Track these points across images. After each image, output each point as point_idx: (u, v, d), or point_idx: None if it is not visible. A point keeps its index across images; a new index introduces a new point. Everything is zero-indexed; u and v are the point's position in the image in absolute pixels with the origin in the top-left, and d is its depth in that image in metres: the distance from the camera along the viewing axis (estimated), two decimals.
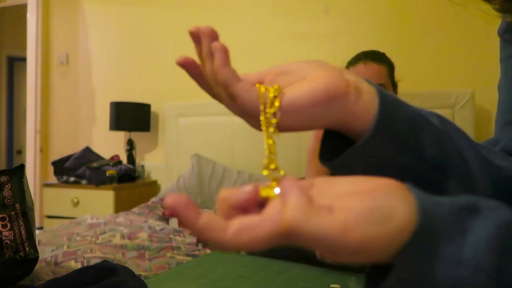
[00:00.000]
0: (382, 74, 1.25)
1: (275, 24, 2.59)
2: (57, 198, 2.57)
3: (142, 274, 1.09)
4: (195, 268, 1.14)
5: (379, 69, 1.25)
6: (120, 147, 3.00)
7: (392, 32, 2.33)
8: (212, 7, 2.74)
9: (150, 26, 2.92)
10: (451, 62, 2.23)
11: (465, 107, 2.06)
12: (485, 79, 2.17)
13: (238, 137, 2.49)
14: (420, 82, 2.25)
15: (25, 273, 0.97)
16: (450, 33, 2.23)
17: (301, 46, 2.52)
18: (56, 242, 1.40)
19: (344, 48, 2.42)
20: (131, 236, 1.52)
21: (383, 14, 2.35)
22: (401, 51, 2.30)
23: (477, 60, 2.18)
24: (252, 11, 2.64)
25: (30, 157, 3.18)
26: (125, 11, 3.00)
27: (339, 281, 1.04)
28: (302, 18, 2.52)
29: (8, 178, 1.01)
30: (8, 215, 0.96)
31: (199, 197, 2.25)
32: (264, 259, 1.24)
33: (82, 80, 3.14)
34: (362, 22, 2.40)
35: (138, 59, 2.95)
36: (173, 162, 2.67)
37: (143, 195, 2.70)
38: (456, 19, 2.23)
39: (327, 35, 2.47)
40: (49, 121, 3.25)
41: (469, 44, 2.20)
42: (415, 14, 2.30)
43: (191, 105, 2.62)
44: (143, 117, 2.80)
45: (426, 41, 2.27)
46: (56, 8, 3.24)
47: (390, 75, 1.29)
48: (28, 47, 3.20)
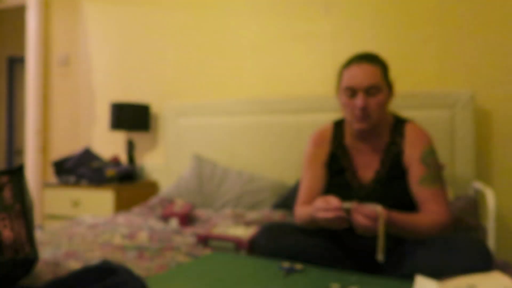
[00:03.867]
0: (376, 75, 1.26)
1: (275, 24, 2.58)
2: (57, 198, 2.57)
3: (142, 274, 1.09)
4: (195, 268, 1.14)
5: (372, 69, 1.26)
6: (120, 147, 3.00)
7: (392, 32, 2.33)
8: (213, 7, 2.74)
9: (150, 26, 2.92)
10: (451, 62, 2.23)
11: (465, 107, 2.06)
12: (485, 79, 2.17)
13: (238, 138, 2.49)
14: (420, 82, 2.25)
15: (25, 273, 0.97)
16: (450, 33, 2.23)
17: (301, 46, 2.52)
18: (56, 242, 1.40)
19: (344, 48, 2.42)
20: (131, 236, 1.52)
21: (383, 14, 2.35)
22: (401, 51, 2.30)
23: (477, 60, 2.18)
24: (252, 11, 2.64)
25: (30, 157, 3.18)
26: (125, 11, 3.00)
27: (339, 281, 1.04)
28: (302, 18, 2.52)
29: (8, 178, 1.01)
30: (8, 215, 0.96)
31: (199, 197, 2.25)
32: (264, 260, 1.24)
33: (82, 80, 3.15)
34: (362, 22, 2.40)
35: (138, 59, 2.95)
36: (173, 162, 2.67)
37: (143, 195, 2.70)
38: (456, 19, 2.23)
39: (327, 35, 2.47)
40: (49, 121, 3.25)
41: (469, 44, 2.20)
42: (415, 14, 2.30)
43: (191, 105, 2.62)
44: (143, 117, 2.80)
45: (426, 41, 2.27)
46: (56, 8, 3.24)
47: (384, 75, 1.29)
48: (28, 48, 3.20)
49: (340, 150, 1.39)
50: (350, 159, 1.36)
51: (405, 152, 1.30)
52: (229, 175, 2.32)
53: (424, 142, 1.29)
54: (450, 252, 1.06)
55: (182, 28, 2.82)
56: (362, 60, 1.27)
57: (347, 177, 1.34)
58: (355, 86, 1.25)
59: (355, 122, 1.28)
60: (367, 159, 1.35)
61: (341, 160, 1.37)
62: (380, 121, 1.30)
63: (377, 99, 1.25)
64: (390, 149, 1.32)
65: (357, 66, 1.27)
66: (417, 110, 2.11)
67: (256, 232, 1.38)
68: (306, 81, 2.51)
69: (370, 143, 1.35)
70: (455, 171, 2.06)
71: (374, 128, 1.31)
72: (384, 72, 1.29)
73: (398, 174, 1.29)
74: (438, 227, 1.18)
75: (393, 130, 1.35)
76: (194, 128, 2.61)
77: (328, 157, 1.39)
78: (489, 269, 1.02)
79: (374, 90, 1.25)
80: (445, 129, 2.07)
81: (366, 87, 1.24)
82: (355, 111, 1.26)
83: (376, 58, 1.30)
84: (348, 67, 1.29)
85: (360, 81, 1.24)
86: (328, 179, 1.38)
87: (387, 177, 1.30)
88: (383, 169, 1.31)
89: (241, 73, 2.66)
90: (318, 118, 2.25)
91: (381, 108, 1.27)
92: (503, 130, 2.15)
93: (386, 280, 1.07)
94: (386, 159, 1.32)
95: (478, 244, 1.06)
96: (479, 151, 2.16)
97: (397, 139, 1.33)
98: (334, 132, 1.42)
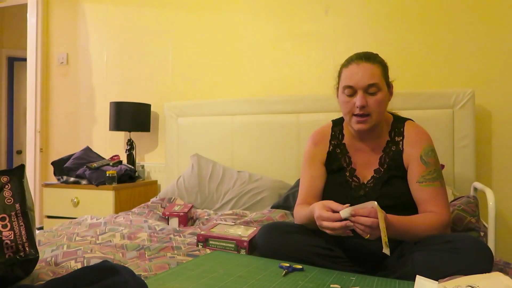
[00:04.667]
0: (375, 73, 1.25)
1: (275, 24, 2.58)
2: (57, 198, 2.57)
3: (142, 274, 1.09)
4: (195, 268, 1.14)
5: (371, 68, 1.25)
6: (120, 147, 3.00)
7: (392, 32, 2.33)
8: (212, 8, 2.74)
9: (150, 26, 2.92)
10: (451, 62, 2.23)
11: (465, 107, 2.06)
12: (485, 79, 2.17)
13: (238, 137, 2.49)
14: (420, 82, 2.26)
15: (25, 273, 0.97)
16: (450, 33, 2.23)
17: (301, 46, 2.52)
18: (56, 242, 1.40)
19: (344, 48, 2.42)
20: (131, 236, 1.52)
21: (383, 15, 2.35)
22: (401, 51, 2.30)
23: (477, 60, 2.18)
24: (252, 12, 2.64)
25: (30, 157, 3.18)
26: (125, 11, 3.00)
27: (339, 281, 1.04)
28: (302, 18, 2.52)
29: (8, 178, 1.01)
30: (8, 215, 0.96)
31: (199, 197, 2.25)
32: (264, 259, 1.24)
33: (82, 80, 3.14)
34: (362, 22, 2.40)
35: (138, 59, 2.95)
36: (173, 162, 2.67)
37: (143, 195, 2.70)
38: (456, 19, 2.23)
39: (327, 35, 2.47)
40: (49, 121, 3.25)
41: (469, 45, 2.20)
42: (415, 14, 2.30)
43: (191, 105, 2.62)
44: (143, 117, 2.80)
45: (426, 41, 2.27)
46: (56, 8, 3.24)
47: (383, 75, 1.28)
48: (28, 47, 3.20)
49: (339, 149, 1.39)
50: (349, 158, 1.36)
51: (404, 151, 1.30)
52: (229, 175, 2.32)
53: (423, 140, 1.29)
54: (450, 252, 1.05)
55: (182, 28, 2.82)
56: (362, 59, 1.26)
57: (346, 176, 1.34)
58: (354, 85, 1.25)
59: (355, 122, 1.28)
60: (366, 158, 1.34)
61: (340, 159, 1.37)
62: (380, 120, 1.30)
63: (376, 98, 1.24)
64: (389, 148, 1.32)
65: (356, 65, 1.26)
66: (417, 110, 2.11)
67: (256, 232, 1.38)
68: (306, 81, 2.51)
69: (370, 142, 1.35)
70: (455, 171, 2.06)
71: (374, 128, 1.30)
72: (383, 71, 1.28)
73: (397, 173, 1.29)
74: (437, 228, 1.17)
75: (393, 129, 1.35)
76: (194, 128, 2.61)
77: (327, 156, 1.39)
78: (490, 269, 1.02)
79: (374, 89, 1.24)
80: (445, 129, 2.07)
81: (365, 86, 1.24)
82: (354, 110, 1.26)
83: (375, 57, 1.29)
84: (347, 66, 1.29)
85: (359, 80, 1.24)
86: (328, 178, 1.38)
87: (386, 176, 1.29)
88: (382, 168, 1.31)
89: (241, 73, 2.66)
90: (318, 118, 2.25)
91: (381, 107, 1.26)
92: (503, 130, 2.15)
93: (386, 280, 1.07)
94: (385, 158, 1.32)
95: (479, 244, 1.06)
96: (479, 151, 2.16)
97: (397, 138, 1.32)
98: (333, 131, 1.42)
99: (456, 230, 1.44)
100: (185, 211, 1.89)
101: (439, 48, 2.25)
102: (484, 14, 2.17)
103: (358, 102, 1.24)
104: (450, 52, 2.23)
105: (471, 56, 2.19)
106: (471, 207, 1.50)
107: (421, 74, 2.26)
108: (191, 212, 1.98)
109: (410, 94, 2.14)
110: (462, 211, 1.48)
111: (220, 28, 2.71)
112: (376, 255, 1.25)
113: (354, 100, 1.26)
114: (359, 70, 1.25)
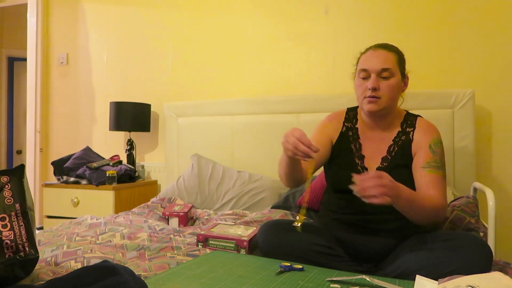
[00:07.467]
0: (389, 59, 1.30)
1: (275, 24, 2.58)
2: (57, 198, 2.57)
3: (142, 274, 1.09)
4: (195, 268, 1.14)
5: (386, 54, 1.31)
6: (120, 147, 3.00)
7: (392, 32, 2.33)
8: (212, 8, 2.74)
9: (150, 26, 2.92)
10: (451, 62, 2.23)
11: (465, 107, 2.06)
12: (485, 79, 2.17)
13: (238, 137, 2.49)
14: (420, 82, 2.25)
15: (25, 273, 0.97)
16: (450, 34, 2.23)
17: (301, 46, 2.52)
18: (56, 242, 1.40)
19: (344, 48, 2.42)
20: (131, 236, 1.52)
21: (383, 15, 2.35)
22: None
23: (477, 60, 2.18)
24: (252, 12, 2.64)
25: (30, 157, 3.18)
26: (125, 11, 3.00)
27: (339, 281, 1.04)
28: (302, 18, 2.52)
29: (8, 178, 1.01)
30: (8, 215, 0.96)
31: (199, 197, 2.25)
32: (264, 259, 1.24)
33: (82, 80, 3.14)
34: (362, 22, 2.40)
35: (138, 59, 2.95)
36: (173, 162, 2.67)
37: (143, 195, 2.70)
38: (456, 19, 2.23)
39: (327, 35, 2.47)
40: (49, 121, 3.25)
41: (469, 45, 2.20)
42: (414, 14, 2.30)
43: (191, 105, 2.62)
44: (143, 117, 2.80)
45: (426, 41, 2.27)
46: (56, 8, 3.24)
47: (398, 63, 1.33)
48: (28, 47, 3.20)
49: (351, 132, 1.42)
50: (360, 145, 1.39)
51: (414, 139, 1.34)
52: (229, 175, 2.32)
53: (434, 132, 1.35)
54: (451, 252, 1.05)
55: (182, 28, 2.82)
56: (379, 47, 1.34)
57: (354, 160, 1.37)
58: (368, 68, 1.31)
59: (366, 103, 1.32)
60: (375, 147, 1.37)
61: (351, 143, 1.40)
62: (391, 106, 1.33)
63: (389, 82, 1.29)
64: (399, 138, 1.36)
65: (373, 51, 1.34)
66: (418, 110, 2.11)
67: (256, 232, 1.38)
68: (306, 81, 2.51)
69: (380, 132, 1.38)
70: (455, 171, 2.06)
71: (385, 115, 1.34)
72: (399, 60, 1.33)
73: (404, 162, 1.32)
74: (437, 208, 1.19)
75: (405, 121, 1.39)
76: (194, 128, 2.61)
77: (339, 136, 1.42)
78: (489, 265, 1.02)
79: (387, 73, 1.29)
80: (445, 129, 2.07)
81: (379, 70, 1.29)
82: (367, 92, 1.30)
83: (392, 46, 1.36)
84: (365, 52, 1.36)
85: (374, 64, 1.30)
86: (336, 159, 1.40)
87: (392, 165, 1.32)
88: (390, 156, 1.34)
89: (241, 73, 2.66)
90: (318, 118, 2.23)
91: (392, 91, 1.30)
92: (503, 130, 2.15)
93: (386, 280, 1.07)
94: (394, 146, 1.35)
95: (479, 243, 1.06)
96: (479, 151, 2.16)
97: (408, 129, 1.37)
98: (348, 115, 1.47)
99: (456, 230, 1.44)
100: (185, 211, 1.89)
101: (439, 48, 2.25)
102: (484, 14, 2.17)
103: (370, 84, 1.29)
104: (450, 52, 2.23)
105: (471, 56, 2.19)
106: (470, 207, 1.50)
107: (421, 74, 2.26)
108: (191, 212, 1.98)
109: (410, 94, 2.12)
110: (461, 211, 1.48)
111: (220, 28, 2.71)
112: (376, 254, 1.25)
113: (367, 84, 1.31)
114: (374, 55, 1.32)
